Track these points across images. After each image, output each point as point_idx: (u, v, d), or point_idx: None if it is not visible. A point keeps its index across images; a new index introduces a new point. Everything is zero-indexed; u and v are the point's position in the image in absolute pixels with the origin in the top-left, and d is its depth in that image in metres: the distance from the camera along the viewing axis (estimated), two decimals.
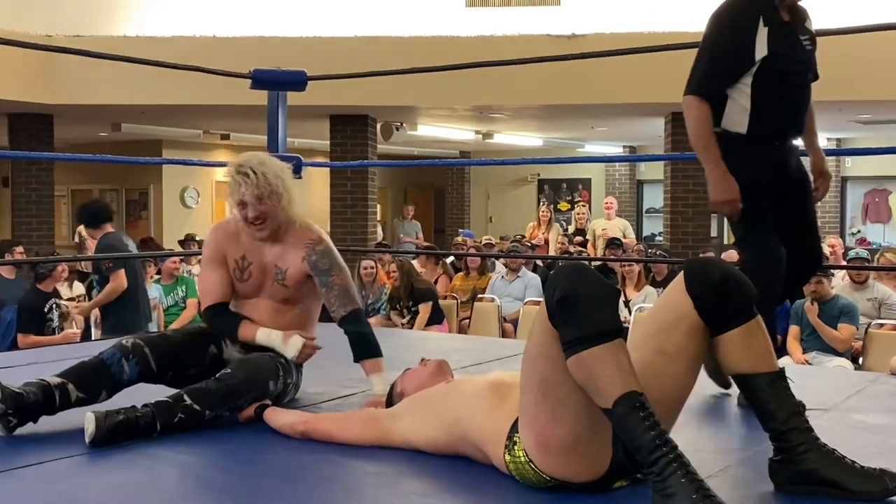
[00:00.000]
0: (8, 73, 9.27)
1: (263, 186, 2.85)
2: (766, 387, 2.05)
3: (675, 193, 10.70)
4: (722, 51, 2.89)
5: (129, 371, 2.74)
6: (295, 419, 2.60)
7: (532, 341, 2.02)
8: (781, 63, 2.88)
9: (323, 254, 2.97)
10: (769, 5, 2.88)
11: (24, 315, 6.73)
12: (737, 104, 2.91)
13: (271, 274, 2.98)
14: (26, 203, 10.99)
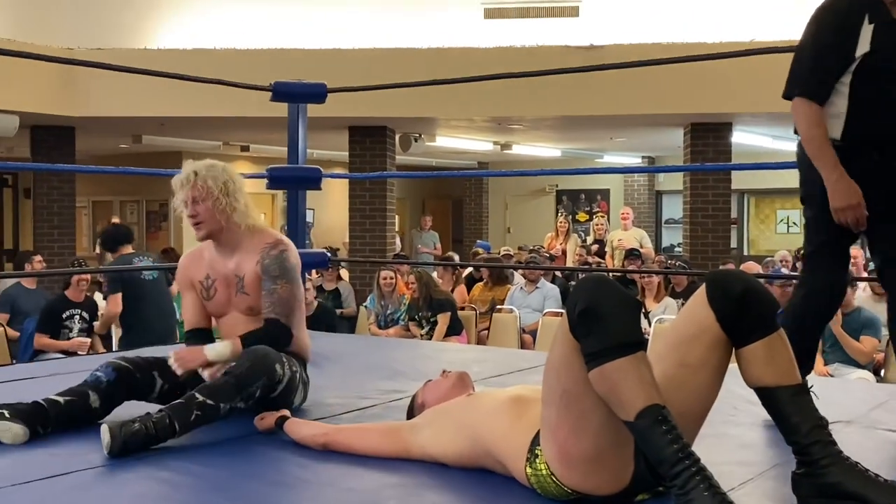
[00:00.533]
0: (30, 85, 9.36)
1: (201, 189, 2.94)
2: (788, 399, 2.03)
3: (694, 204, 10.67)
4: (825, 48, 2.70)
5: (103, 374, 2.77)
6: (315, 431, 2.60)
7: (554, 353, 2.01)
8: (885, 61, 2.67)
9: (275, 259, 2.97)
10: (875, 1, 2.69)
11: (43, 316, 7.03)
12: (832, 106, 2.71)
13: (234, 285, 3.00)
14: (48, 214, 11.08)
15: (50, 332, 6.88)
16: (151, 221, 15.53)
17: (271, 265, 2.95)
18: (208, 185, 2.94)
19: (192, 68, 5.77)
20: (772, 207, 16.94)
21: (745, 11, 9.75)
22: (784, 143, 12.91)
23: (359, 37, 9.93)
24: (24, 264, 8.29)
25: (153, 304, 6.43)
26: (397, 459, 2.43)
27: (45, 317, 7.00)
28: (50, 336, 6.88)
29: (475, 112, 10.47)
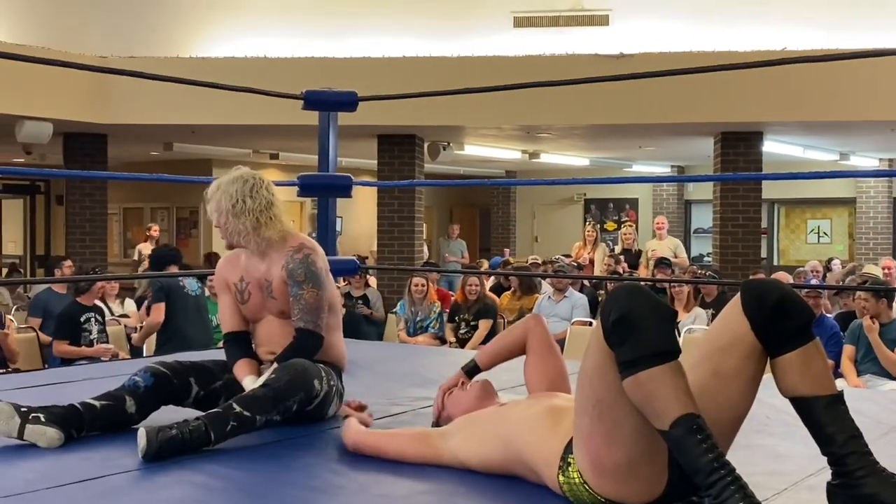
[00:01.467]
0: (64, 93, 9.48)
1: (211, 212, 3.05)
2: (824, 410, 2.01)
3: (724, 214, 10.61)
4: None
5: (141, 379, 2.79)
6: (350, 428, 2.61)
7: (587, 362, 2.01)
8: None
9: (300, 263, 2.96)
10: None
11: (60, 323, 7.12)
12: None
13: (265, 289, 3.01)
14: (80, 220, 11.19)
15: (69, 337, 7.02)
16: (181, 228, 15.65)
17: (296, 270, 2.94)
18: (218, 208, 3.00)
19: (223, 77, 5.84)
20: (802, 217, 16.82)
21: (778, 20, 9.70)
22: (815, 153, 12.83)
23: (389, 46, 9.97)
24: (53, 270, 8.41)
25: (194, 318, 6.57)
26: (428, 466, 2.43)
27: (64, 323, 7.10)
28: (70, 342, 7.02)
29: (504, 120, 10.48)
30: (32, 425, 2.58)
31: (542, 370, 2.59)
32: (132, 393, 2.77)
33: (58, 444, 2.59)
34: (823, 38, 9.22)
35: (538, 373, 2.59)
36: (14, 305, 9.28)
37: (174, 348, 6.40)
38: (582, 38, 9.97)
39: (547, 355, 2.62)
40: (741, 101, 9.33)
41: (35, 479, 2.31)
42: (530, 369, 2.62)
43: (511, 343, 2.69)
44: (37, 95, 9.18)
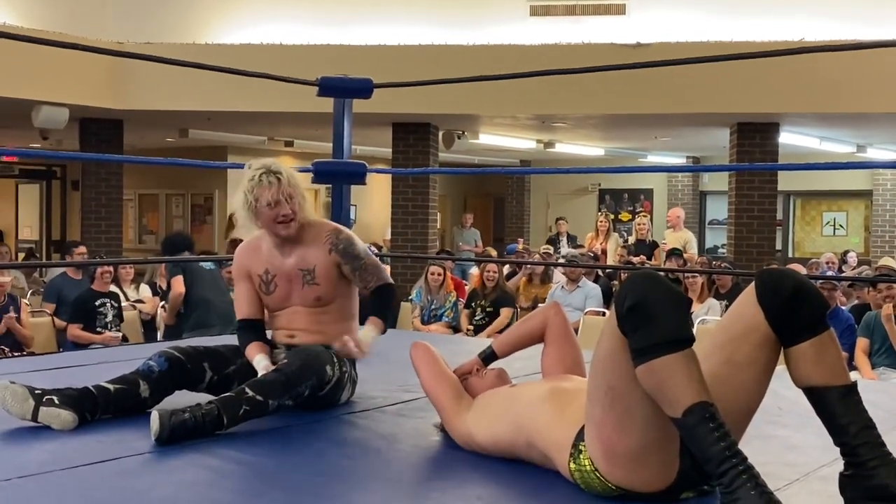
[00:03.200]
0: (80, 78, 9.50)
1: (290, 187, 2.99)
2: (837, 400, 2.01)
3: (739, 205, 10.56)
4: None
5: (156, 363, 2.81)
6: (422, 343, 2.72)
7: (600, 349, 2.01)
8: None
9: (349, 241, 3.07)
10: None
11: (75, 308, 7.33)
12: None
13: (298, 279, 3.03)
14: (96, 206, 11.22)
15: (84, 321, 7.14)
16: (196, 215, 15.69)
17: (348, 247, 3.05)
18: (292, 183, 3.00)
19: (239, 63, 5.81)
20: (818, 209, 16.73)
21: (795, 11, 9.63)
22: (832, 145, 12.75)
23: (405, 34, 9.95)
24: (65, 255, 8.50)
25: (212, 287, 6.82)
26: (440, 452, 2.44)
27: (78, 308, 7.27)
28: (84, 326, 7.11)
29: (519, 109, 10.45)
30: (46, 408, 2.60)
31: (559, 359, 2.59)
32: (146, 377, 2.78)
33: (71, 426, 2.61)
34: (841, 28, 9.15)
35: (556, 360, 2.59)
36: (30, 290, 9.34)
37: (199, 317, 6.59)
38: (598, 28, 9.93)
39: (565, 344, 2.62)
40: (757, 92, 9.27)
41: (48, 460, 2.32)
42: (548, 358, 2.62)
43: (529, 331, 2.70)
44: (53, 81, 9.21)
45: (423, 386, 2.63)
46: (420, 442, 2.60)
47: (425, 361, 2.63)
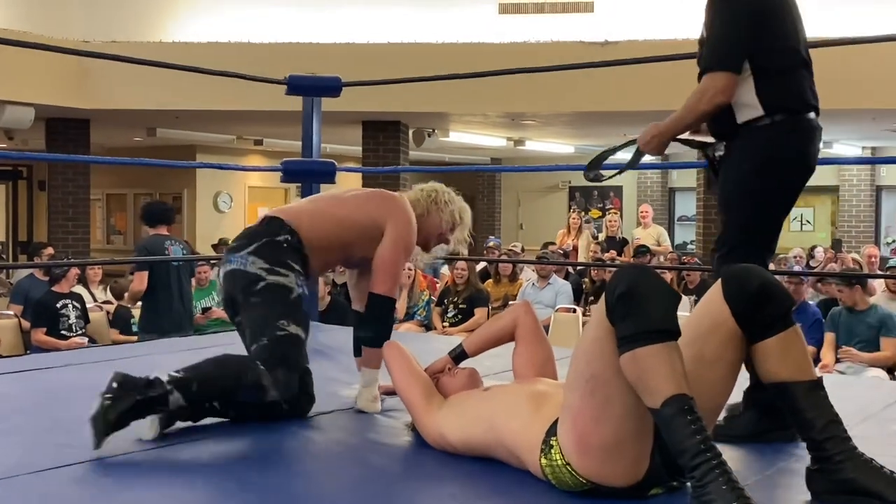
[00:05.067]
0: (46, 78, 9.41)
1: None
2: (803, 395, 2.03)
3: (707, 201, 10.65)
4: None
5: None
6: (396, 343, 2.74)
7: (586, 337, 2.02)
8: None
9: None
10: None
11: (36, 312, 7.20)
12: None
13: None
14: (63, 206, 11.13)
15: (47, 324, 7.03)
16: None
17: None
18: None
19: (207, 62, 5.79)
20: None
21: None
22: None
23: (373, 32, 9.94)
24: (33, 256, 8.39)
25: (176, 288, 6.50)
26: (408, 450, 2.45)
27: (40, 311, 7.12)
28: (48, 329, 7.01)
29: (489, 107, 10.46)
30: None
31: (530, 357, 2.60)
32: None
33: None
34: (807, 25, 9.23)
35: (526, 360, 2.60)
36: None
37: (157, 318, 6.32)
38: (567, 25, 9.96)
39: (535, 343, 2.63)
40: None
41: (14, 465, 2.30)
42: (519, 356, 2.63)
43: (500, 330, 2.71)
44: (19, 80, 9.11)
45: (394, 385, 2.63)
46: (391, 441, 2.60)
47: (397, 361, 2.64)
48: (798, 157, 2.70)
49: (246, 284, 2.74)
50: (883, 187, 15.79)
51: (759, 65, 2.70)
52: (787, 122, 2.69)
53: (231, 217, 15.13)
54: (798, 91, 2.76)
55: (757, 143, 2.68)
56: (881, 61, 8.73)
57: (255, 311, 2.72)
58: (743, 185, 2.70)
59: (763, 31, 2.73)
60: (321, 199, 3.12)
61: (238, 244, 2.83)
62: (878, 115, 10.38)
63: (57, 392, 3.24)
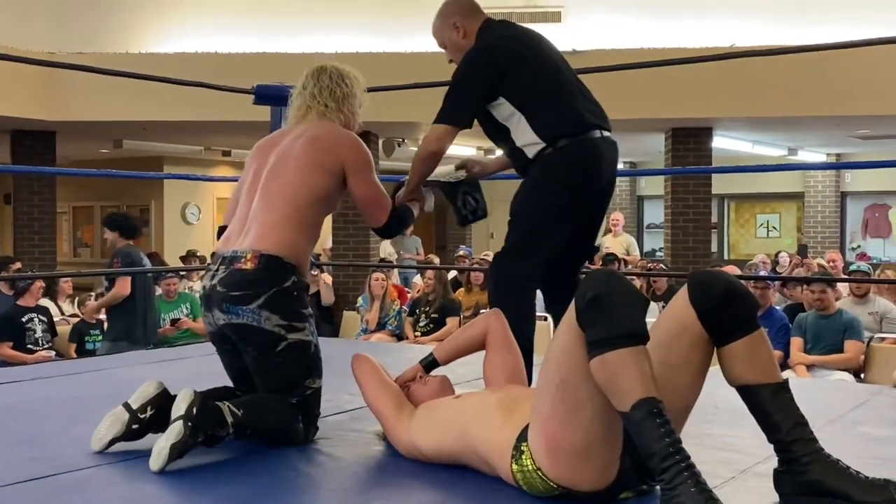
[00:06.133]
0: (11, 89, 9.32)
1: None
2: (769, 398, 2.06)
3: (675, 209, 10.72)
4: None
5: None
6: (364, 355, 2.71)
7: (556, 342, 2.03)
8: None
9: None
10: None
11: (1, 326, 7.09)
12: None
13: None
14: (28, 220, 11.02)
15: (12, 339, 6.96)
16: None
17: None
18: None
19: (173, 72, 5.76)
20: (751, 212, 17.06)
21: (726, 18, 9.82)
22: (764, 148, 13.02)
23: (343, 42, 9.94)
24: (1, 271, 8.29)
25: (147, 299, 6.54)
26: (384, 459, 2.45)
27: (6, 326, 7.05)
28: (14, 343, 6.94)
29: None
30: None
31: (500, 366, 2.61)
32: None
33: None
34: (772, 33, 9.36)
35: (497, 367, 2.61)
36: None
37: (128, 327, 6.29)
38: None
39: (506, 351, 2.64)
40: (691, 98, 9.44)
41: None
42: (490, 365, 2.64)
43: (470, 339, 2.71)
44: None
45: (364, 398, 2.63)
46: (362, 451, 2.60)
47: (366, 373, 2.64)
48: (586, 176, 3.03)
49: (264, 344, 2.64)
50: (847, 193, 15.98)
51: (522, 105, 3.03)
52: (571, 146, 3.00)
53: (199, 228, 15.05)
54: (571, 115, 3.04)
55: (546, 168, 3.01)
56: (845, 68, 8.86)
57: (280, 370, 2.65)
58: (529, 200, 3.06)
59: (509, 78, 3.03)
60: (272, 194, 2.77)
61: (241, 294, 2.63)
62: (842, 121, 10.52)
63: (25, 406, 3.21)
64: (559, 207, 3.03)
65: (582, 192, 3.04)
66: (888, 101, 9.32)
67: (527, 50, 3.13)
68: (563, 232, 3.10)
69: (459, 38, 3.22)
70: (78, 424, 2.78)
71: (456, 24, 3.22)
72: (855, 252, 15.65)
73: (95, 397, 3.31)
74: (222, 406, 2.44)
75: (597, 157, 3.05)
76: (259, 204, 2.76)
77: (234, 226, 2.80)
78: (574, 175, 3.01)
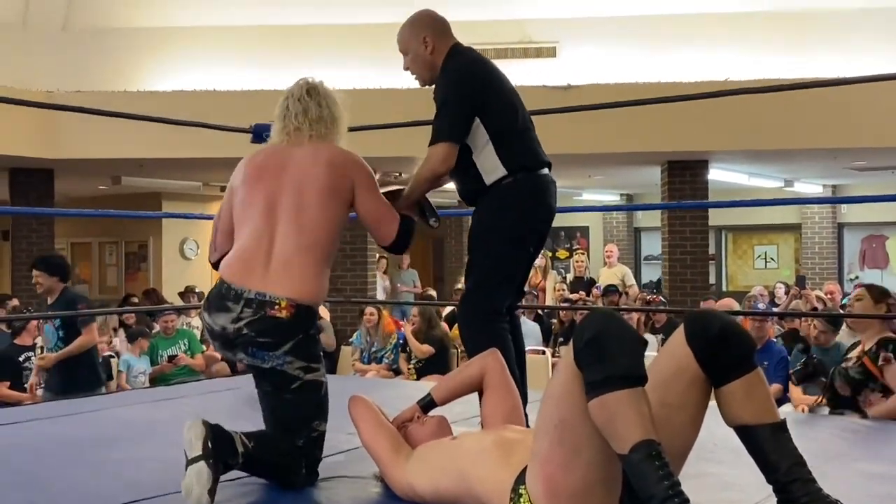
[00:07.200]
0: (10, 128, 9.35)
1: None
2: (768, 438, 2.05)
3: (672, 241, 10.74)
4: None
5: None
6: (360, 396, 2.70)
7: (554, 383, 2.03)
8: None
9: None
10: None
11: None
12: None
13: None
14: (27, 257, 10.97)
15: (9, 377, 6.90)
16: (130, 263, 15.47)
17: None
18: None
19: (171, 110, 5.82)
20: (749, 243, 17.07)
21: (719, 52, 9.89)
22: (760, 180, 13.06)
23: (338, 77, 9.95)
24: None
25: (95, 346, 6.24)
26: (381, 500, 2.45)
27: (2, 365, 6.97)
28: (11, 382, 6.88)
29: None
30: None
31: (498, 406, 2.60)
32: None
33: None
34: (767, 66, 9.42)
35: (495, 408, 2.61)
36: None
37: (78, 375, 5.92)
38: (530, 70, 10.07)
39: (503, 391, 2.64)
40: (686, 131, 9.48)
41: None
42: (487, 405, 2.63)
43: (468, 378, 2.71)
44: None
45: (361, 440, 2.62)
46: (359, 492, 2.59)
47: (362, 415, 2.63)
48: (539, 207, 3.16)
49: (281, 381, 2.65)
50: (844, 224, 16.01)
51: (495, 132, 3.12)
52: (528, 179, 3.14)
53: (198, 264, 15.03)
54: (532, 151, 3.20)
55: (504, 198, 3.11)
56: (841, 101, 8.90)
57: (289, 407, 2.66)
58: (492, 232, 3.13)
59: (488, 101, 3.14)
60: (303, 231, 2.72)
61: (270, 341, 2.62)
62: (838, 153, 10.56)
63: (22, 447, 3.20)
64: (520, 236, 3.13)
65: (536, 222, 3.17)
66: (884, 133, 9.37)
67: (499, 82, 3.24)
68: (524, 259, 3.21)
69: (426, 53, 3.28)
70: (76, 467, 2.77)
71: (426, 39, 3.28)
72: (853, 283, 15.64)
73: (93, 438, 3.30)
74: (234, 435, 2.45)
75: (547, 192, 3.19)
76: (289, 241, 2.70)
77: (253, 256, 2.69)
78: (530, 205, 3.13)
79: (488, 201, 3.15)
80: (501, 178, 3.10)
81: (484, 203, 3.17)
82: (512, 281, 3.18)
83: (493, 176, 3.11)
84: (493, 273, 3.13)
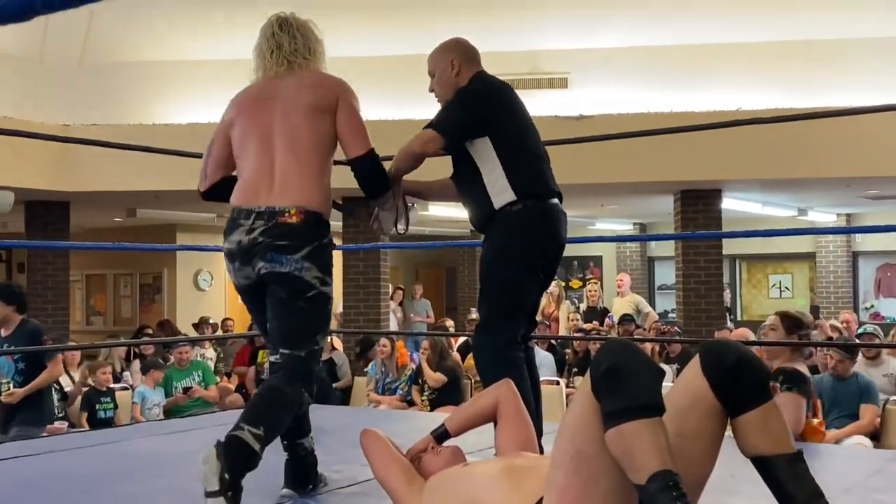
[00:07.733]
0: (26, 162, 9.44)
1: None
2: (785, 468, 2.04)
3: (686, 270, 10.71)
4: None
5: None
6: (372, 429, 2.71)
7: (570, 413, 2.03)
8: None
9: None
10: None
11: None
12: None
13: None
14: (42, 289, 11.07)
15: None
16: (145, 294, 15.53)
17: None
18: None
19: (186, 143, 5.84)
20: (764, 272, 17.02)
21: (731, 82, 9.92)
22: (773, 209, 13.05)
23: None
24: None
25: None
26: None
27: None
28: None
29: None
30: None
31: (513, 436, 2.60)
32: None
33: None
34: (778, 97, 9.44)
35: (509, 438, 2.60)
36: None
37: (43, 407, 5.88)
38: (542, 101, 10.12)
39: (518, 421, 2.63)
40: (699, 161, 9.49)
41: None
42: (501, 435, 2.63)
43: (482, 409, 2.71)
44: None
45: (374, 474, 2.61)
46: None
47: (375, 449, 2.62)
48: (549, 236, 3.17)
49: (296, 289, 2.77)
50: (859, 253, 15.95)
51: (505, 154, 3.14)
52: (537, 206, 3.15)
53: (212, 295, 15.09)
54: (544, 180, 3.22)
55: (513, 224, 3.11)
56: (854, 130, 8.91)
57: (298, 317, 2.78)
58: (501, 258, 3.12)
59: (501, 123, 3.17)
60: (298, 148, 2.89)
61: (288, 244, 2.76)
62: (851, 182, 10.55)
63: (40, 482, 3.20)
64: (530, 264, 3.14)
65: (545, 249, 3.18)
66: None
67: (516, 107, 3.29)
68: (534, 286, 3.21)
69: (451, 75, 3.32)
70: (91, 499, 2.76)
71: (453, 62, 3.32)
72: (868, 312, 15.56)
73: (108, 471, 3.30)
74: (243, 436, 2.45)
75: (557, 221, 3.21)
76: (287, 158, 2.85)
77: (256, 181, 2.86)
78: (539, 232, 3.14)
79: (497, 227, 3.16)
80: (511, 204, 3.12)
81: (493, 229, 3.18)
82: (523, 308, 3.17)
83: (501, 199, 3.13)
84: (504, 300, 3.13)
